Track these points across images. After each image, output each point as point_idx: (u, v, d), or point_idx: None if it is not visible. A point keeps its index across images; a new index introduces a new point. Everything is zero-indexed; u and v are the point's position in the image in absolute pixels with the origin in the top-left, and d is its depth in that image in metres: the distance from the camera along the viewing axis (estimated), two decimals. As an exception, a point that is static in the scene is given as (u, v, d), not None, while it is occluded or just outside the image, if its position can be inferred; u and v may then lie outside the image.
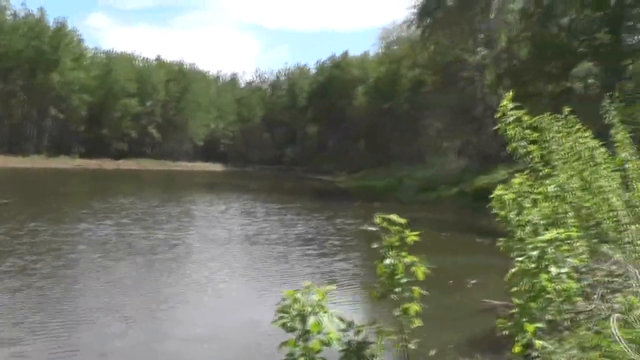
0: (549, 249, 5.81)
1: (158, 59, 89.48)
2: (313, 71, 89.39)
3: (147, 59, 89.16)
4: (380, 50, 64.16)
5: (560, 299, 7.54)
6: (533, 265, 5.72)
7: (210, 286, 13.04)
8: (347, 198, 40.02)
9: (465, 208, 27.71)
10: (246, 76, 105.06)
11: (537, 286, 5.73)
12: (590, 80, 27.98)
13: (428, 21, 42.95)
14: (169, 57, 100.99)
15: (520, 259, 5.88)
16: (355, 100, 67.52)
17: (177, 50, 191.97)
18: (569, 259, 8.07)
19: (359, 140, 68.27)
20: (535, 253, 5.86)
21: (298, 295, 4.36)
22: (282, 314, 4.30)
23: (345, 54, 79.61)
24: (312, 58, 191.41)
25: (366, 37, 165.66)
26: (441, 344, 9.28)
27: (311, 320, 4.28)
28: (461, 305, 11.76)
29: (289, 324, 4.25)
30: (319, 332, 4.28)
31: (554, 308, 7.56)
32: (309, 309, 4.30)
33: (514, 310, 5.91)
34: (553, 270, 5.73)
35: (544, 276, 5.65)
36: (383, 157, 53.88)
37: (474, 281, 13.22)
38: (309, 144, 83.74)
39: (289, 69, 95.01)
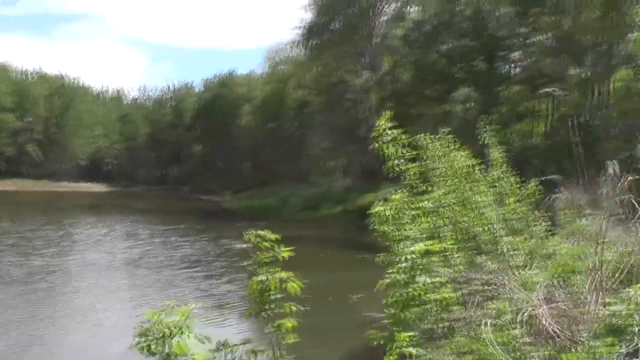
0: (421, 261, 6.01)
1: (38, 71, 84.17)
2: (199, 89, 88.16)
3: (25, 70, 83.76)
4: (266, 70, 64.44)
5: (438, 308, 8.02)
6: (404, 276, 5.86)
7: (89, 315, 12.51)
8: (232, 218, 39.78)
9: (350, 225, 28.42)
10: (132, 92, 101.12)
11: (408, 296, 5.88)
12: (469, 104, 29.77)
13: (314, 42, 43.91)
14: (50, 69, 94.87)
15: (391, 270, 6.06)
16: (241, 120, 67.27)
17: (59, 63, 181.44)
18: (442, 269, 8.60)
19: (245, 159, 68.01)
20: (406, 264, 6.03)
21: (160, 316, 4.19)
22: (141, 338, 4.09)
23: (232, 72, 79.14)
24: (199, 75, 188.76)
25: (254, 56, 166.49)
26: (322, 359, 9.48)
27: (174, 342, 4.08)
28: (344, 319, 12.08)
29: (148, 347, 4.04)
30: (184, 355, 4.10)
31: (432, 317, 8.02)
32: (172, 330, 4.12)
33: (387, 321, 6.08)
34: (423, 280, 5.91)
35: (414, 286, 5.83)
36: (269, 176, 54.02)
37: (357, 296, 13.61)
38: (195, 163, 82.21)
39: (174, 86, 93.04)
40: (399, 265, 6.06)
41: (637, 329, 6.39)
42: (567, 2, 25.29)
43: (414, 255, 5.96)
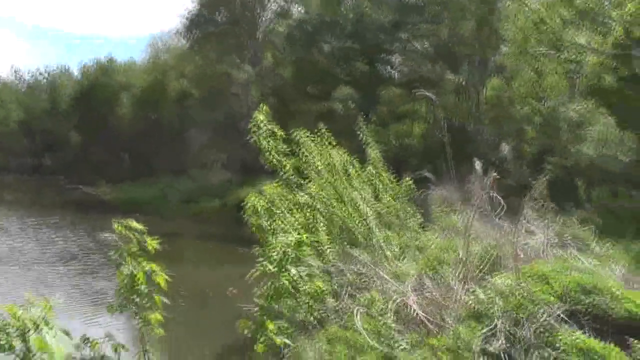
0: (291, 252, 6.06)
1: None
2: (78, 75, 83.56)
3: None
4: (148, 59, 62.35)
5: (310, 299, 8.16)
6: (274, 267, 5.92)
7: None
8: (110, 210, 38.10)
9: (230, 219, 28.09)
10: (2, 74, 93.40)
11: (278, 287, 5.92)
12: (350, 104, 30.43)
13: (197, 33, 43.15)
14: None
15: (261, 261, 6.08)
16: (120, 109, 64.64)
17: None
18: (315, 262, 8.77)
19: (125, 150, 65.44)
20: (277, 256, 6.05)
21: (18, 311, 4.00)
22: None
23: (111, 59, 75.78)
24: (79, 61, 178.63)
25: (139, 44, 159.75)
26: (196, 352, 9.33)
27: (33, 337, 3.94)
28: (221, 313, 11.94)
29: (9, 345, 3.87)
30: (43, 350, 3.95)
31: (304, 308, 8.14)
32: (30, 326, 3.96)
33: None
34: (293, 271, 5.97)
35: (285, 276, 5.88)
36: (148, 168, 52.29)
37: (235, 289, 13.51)
38: (72, 152, 77.72)
39: (50, 70, 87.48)
40: (270, 256, 6.07)
41: (497, 312, 6.96)
42: (444, 14, 26.59)
43: (285, 247, 5.97)
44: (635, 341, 7.08)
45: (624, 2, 14.44)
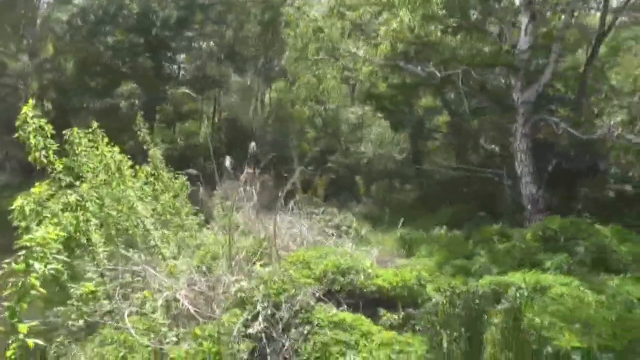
0: (38, 249, 5.68)
1: None
2: None
3: None
4: None
5: (80, 303, 8.23)
6: (20, 266, 5.61)
7: None
8: None
9: (5, 227, 25.96)
10: None
11: (25, 286, 5.50)
12: (134, 100, 29.85)
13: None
14: None
15: (7, 260, 5.64)
16: None
17: None
18: (86, 263, 8.84)
19: None
20: (25, 253, 5.64)
21: None
22: None
23: None
24: None
25: None
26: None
27: None
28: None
29: None
30: None
31: (74, 311, 8.20)
32: None
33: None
34: (38, 267, 5.55)
35: (33, 275, 5.48)
36: None
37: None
38: None
39: None
40: (20, 254, 5.70)
41: (259, 298, 7.77)
42: (229, 15, 27.32)
43: (34, 244, 5.67)
44: (384, 310, 8.46)
45: (390, 20, 16.23)
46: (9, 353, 5.40)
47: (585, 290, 9.49)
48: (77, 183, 9.66)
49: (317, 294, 8.23)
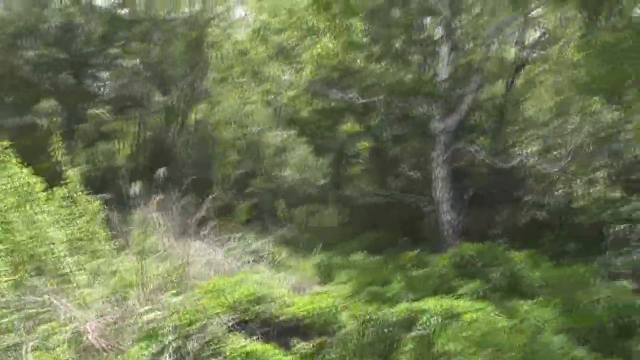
0: None
1: None
2: None
3: None
4: None
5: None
6: None
7: None
8: None
9: None
10: None
11: None
12: (55, 118, 28.87)
13: None
14: None
15: None
16: None
17: None
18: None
19: None
20: None
21: None
22: None
23: None
24: None
25: None
26: None
27: None
28: None
29: None
30: None
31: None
32: None
33: None
34: None
35: None
36: None
37: None
38: None
39: None
40: None
41: (169, 329, 7.68)
42: (156, 33, 26.92)
43: None
44: (295, 340, 8.55)
45: (313, 45, 16.53)
46: None
47: (498, 315, 9.84)
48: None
49: (230, 324, 8.22)
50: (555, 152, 20.51)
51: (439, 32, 19.71)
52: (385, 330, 8.02)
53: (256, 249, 14.16)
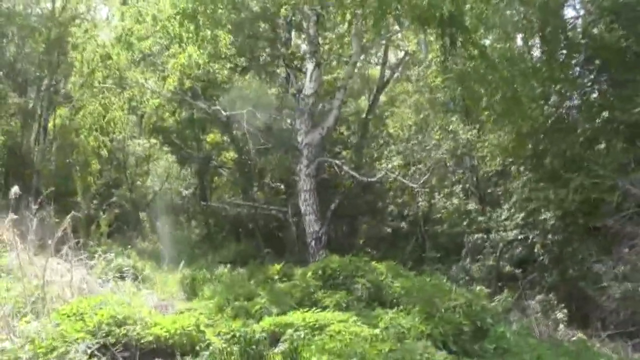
0: None
1: None
2: None
3: None
4: None
5: None
6: None
7: None
8: None
9: None
10: None
11: None
12: None
13: None
14: None
15: None
16: None
17: None
18: None
19: None
20: None
21: None
22: None
23: None
24: None
25: None
26: None
27: None
28: None
29: None
30: None
31: None
32: None
33: None
34: None
35: None
36: None
37: None
38: None
39: None
40: None
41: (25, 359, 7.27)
42: (11, 28, 25.35)
43: None
44: None
45: (178, 54, 16.35)
46: None
47: (362, 325, 10.17)
48: None
49: (91, 350, 7.92)
50: (416, 167, 21.73)
51: (304, 48, 20.26)
52: (250, 347, 8.07)
53: (120, 264, 13.78)
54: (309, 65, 18.65)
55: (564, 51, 17.98)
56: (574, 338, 13.35)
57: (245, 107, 18.35)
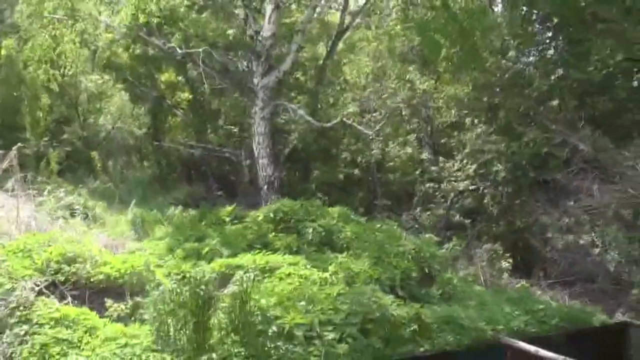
0: None
1: None
2: None
3: None
4: None
5: None
6: None
7: None
8: None
9: None
10: None
11: None
12: None
13: None
14: None
15: None
16: None
17: None
18: None
19: None
20: None
21: None
22: None
23: None
24: None
25: None
26: None
27: None
28: None
29: None
30: None
31: None
32: None
33: None
34: None
35: None
36: None
37: None
38: None
39: None
40: None
41: None
42: None
43: None
44: (110, 301, 8.26)
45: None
46: None
47: (312, 268, 10.32)
48: None
49: (39, 287, 7.78)
50: (371, 115, 21.68)
51: (263, -12, 19.72)
52: (200, 288, 8.06)
53: (69, 202, 13.43)
54: (268, 7, 18.21)
55: (525, 7, 18.01)
56: (517, 286, 13.87)
57: (201, 46, 17.85)
